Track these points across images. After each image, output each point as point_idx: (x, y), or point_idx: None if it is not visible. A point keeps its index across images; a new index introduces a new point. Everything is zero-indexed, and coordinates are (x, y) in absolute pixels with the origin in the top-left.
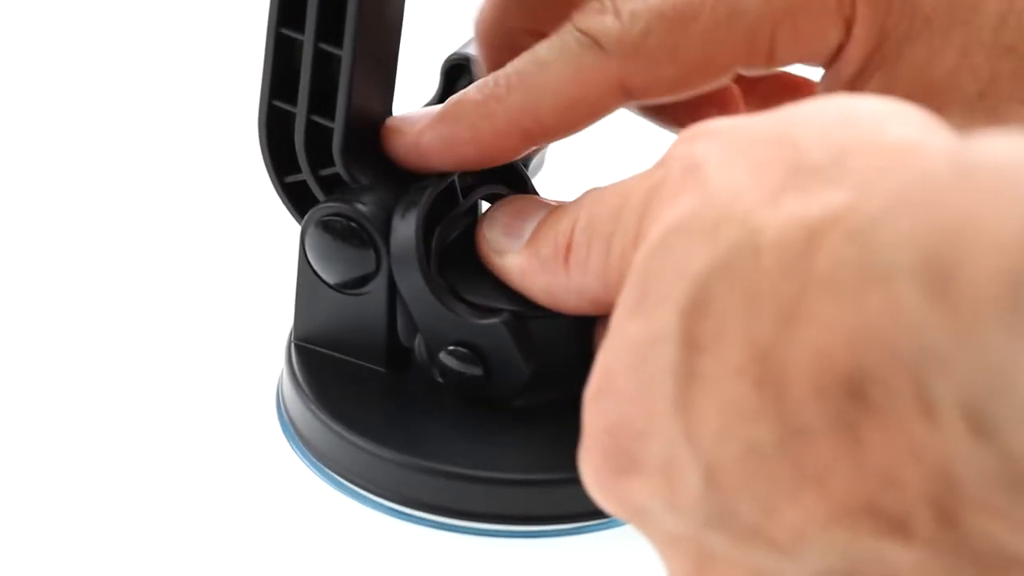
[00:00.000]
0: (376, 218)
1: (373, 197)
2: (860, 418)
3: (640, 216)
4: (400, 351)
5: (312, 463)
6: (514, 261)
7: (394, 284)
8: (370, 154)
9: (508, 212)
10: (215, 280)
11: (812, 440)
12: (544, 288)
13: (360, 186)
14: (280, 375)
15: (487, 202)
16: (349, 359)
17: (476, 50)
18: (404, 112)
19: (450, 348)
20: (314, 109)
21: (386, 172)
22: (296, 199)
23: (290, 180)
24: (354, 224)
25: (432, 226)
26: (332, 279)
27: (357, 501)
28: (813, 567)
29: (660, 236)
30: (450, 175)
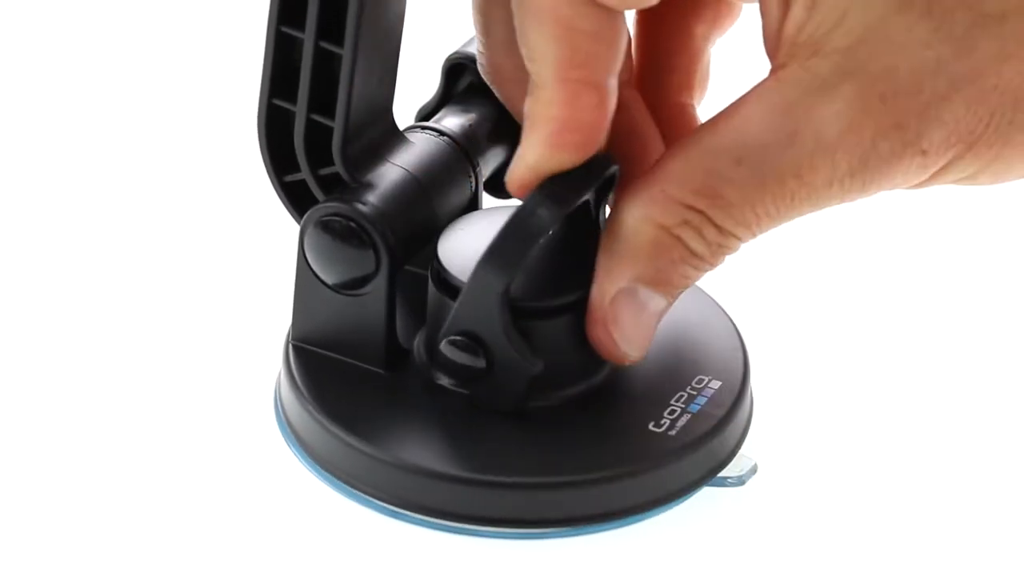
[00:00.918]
0: (376, 218)
1: (373, 197)
2: None
3: None
4: (399, 352)
5: (310, 464)
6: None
7: (393, 284)
8: (370, 153)
9: None
10: (213, 280)
11: None
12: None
13: (360, 186)
14: (278, 376)
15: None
16: (347, 360)
17: (498, 95)
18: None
19: (451, 338)
20: (314, 108)
21: (386, 172)
22: (295, 198)
23: (289, 179)
24: (353, 224)
25: None
26: (331, 279)
27: (354, 502)
28: None
29: None
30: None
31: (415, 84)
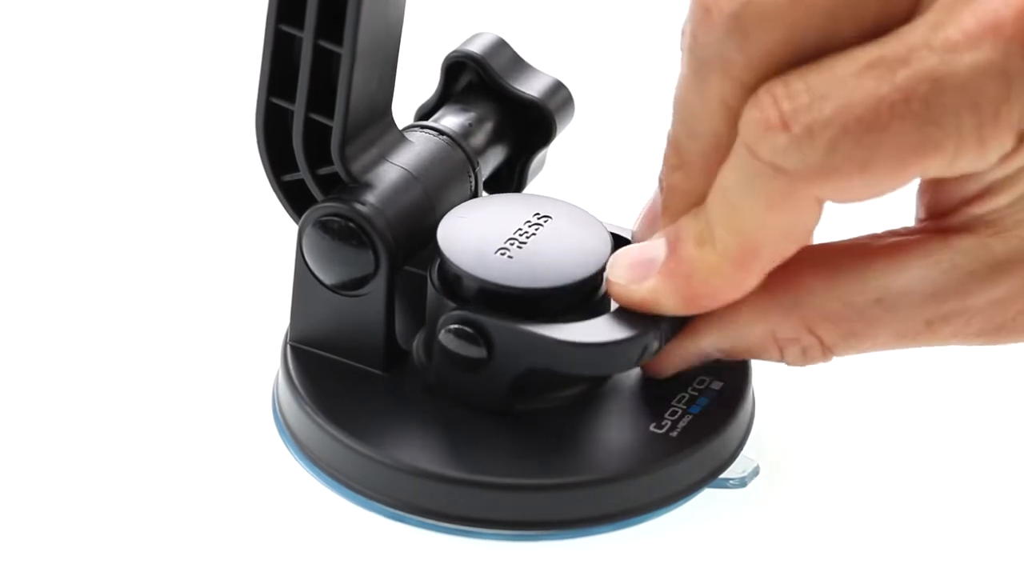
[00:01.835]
0: (375, 218)
1: (372, 197)
2: None
3: None
4: (397, 353)
5: (308, 465)
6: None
7: (392, 285)
8: (369, 153)
9: (627, 253)
10: (210, 280)
11: None
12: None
13: (359, 185)
14: (276, 377)
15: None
16: (345, 361)
17: (674, 129)
18: (617, 253)
19: (452, 327)
20: (313, 107)
21: (385, 171)
22: (293, 198)
23: (288, 179)
24: (352, 224)
25: None
26: (329, 280)
27: (353, 503)
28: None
29: None
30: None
31: (414, 82)
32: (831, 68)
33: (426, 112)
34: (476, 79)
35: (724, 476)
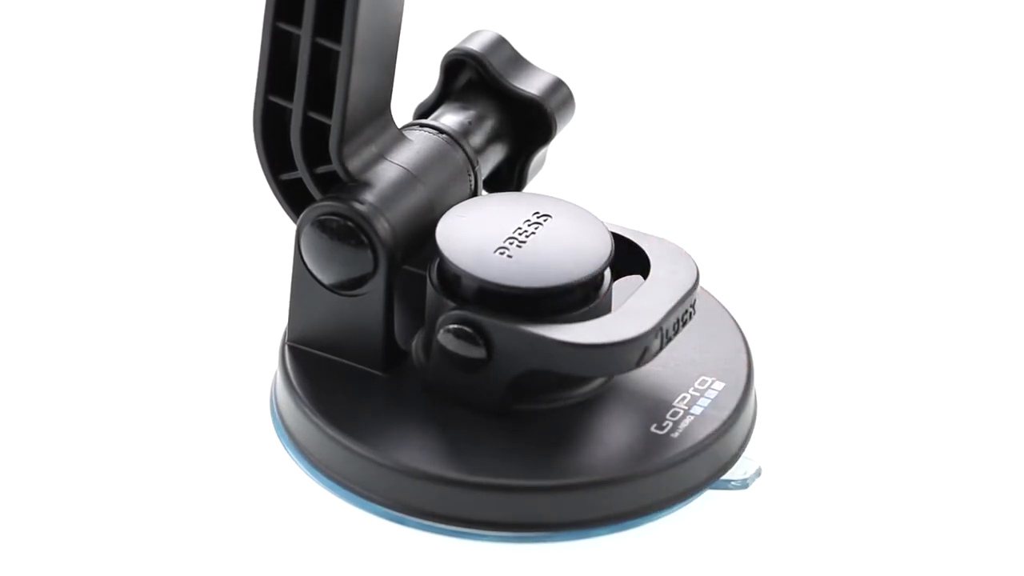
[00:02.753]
0: (374, 217)
1: (371, 196)
2: None
3: None
4: (396, 353)
5: (306, 467)
6: None
7: (392, 285)
8: (367, 151)
9: None
10: (208, 280)
11: None
12: None
13: (357, 184)
14: (273, 377)
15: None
16: (344, 361)
17: None
18: None
19: (451, 327)
20: (311, 105)
21: (384, 170)
22: (291, 197)
23: (285, 178)
24: (351, 224)
25: None
26: (328, 280)
27: (351, 504)
28: None
29: None
30: None
31: (413, 80)
32: None
33: (425, 110)
34: (476, 77)
35: (726, 477)
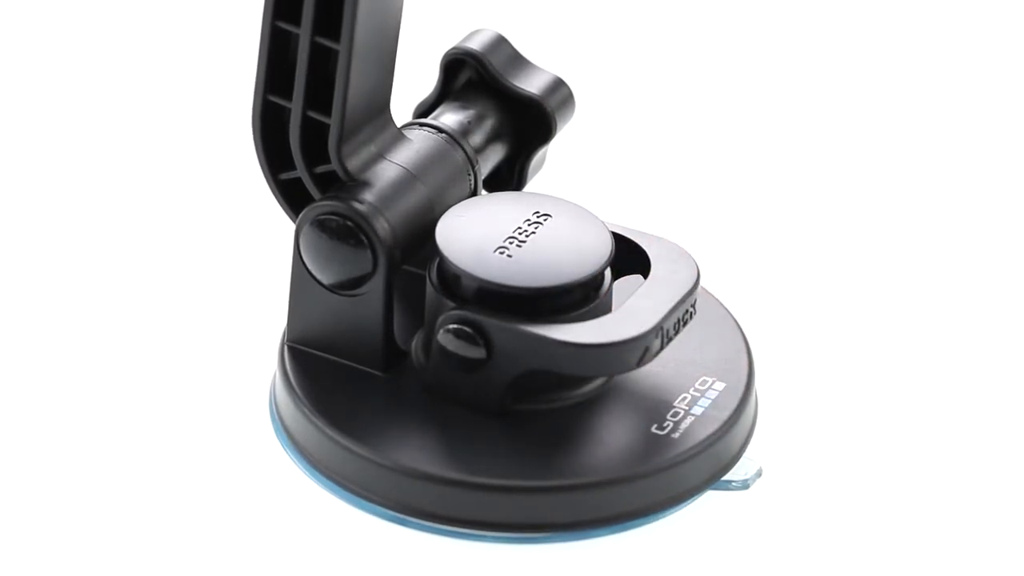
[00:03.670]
0: (373, 217)
1: (370, 195)
2: None
3: None
4: (396, 353)
5: (305, 467)
6: None
7: (391, 285)
8: (367, 151)
9: None
10: (207, 280)
11: None
12: None
13: (357, 184)
14: (273, 378)
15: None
16: (343, 362)
17: None
18: None
19: (451, 327)
20: (310, 104)
21: (383, 170)
22: (291, 197)
23: (284, 177)
24: (350, 223)
25: None
26: (327, 280)
27: (351, 505)
28: None
29: None
30: None
31: (413, 80)
32: None
33: (425, 110)
34: (475, 76)
35: (727, 478)
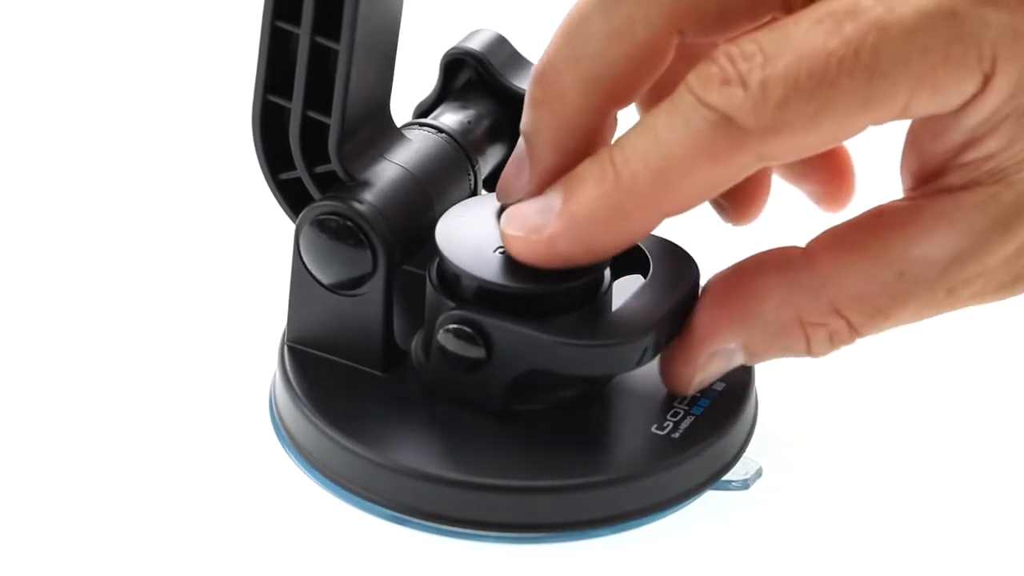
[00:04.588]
0: (373, 217)
1: (370, 195)
2: None
3: None
4: (396, 354)
5: (305, 467)
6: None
7: (391, 285)
8: (367, 151)
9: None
10: (206, 280)
11: None
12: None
13: (356, 184)
14: (273, 378)
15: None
16: (343, 361)
17: (540, 125)
18: (508, 209)
19: (451, 327)
20: (310, 104)
21: (383, 170)
22: (290, 197)
23: (284, 177)
24: (350, 223)
25: None
26: (327, 280)
27: (351, 506)
28: None
29: None
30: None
31: (413, 80)
32: (782, 28)
33: (425, 110)
34: (475, 76)
35: (727, 478)
